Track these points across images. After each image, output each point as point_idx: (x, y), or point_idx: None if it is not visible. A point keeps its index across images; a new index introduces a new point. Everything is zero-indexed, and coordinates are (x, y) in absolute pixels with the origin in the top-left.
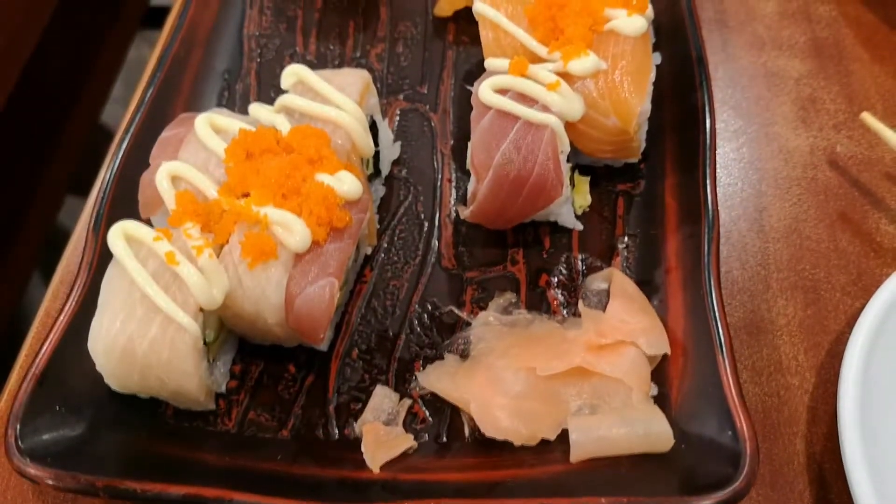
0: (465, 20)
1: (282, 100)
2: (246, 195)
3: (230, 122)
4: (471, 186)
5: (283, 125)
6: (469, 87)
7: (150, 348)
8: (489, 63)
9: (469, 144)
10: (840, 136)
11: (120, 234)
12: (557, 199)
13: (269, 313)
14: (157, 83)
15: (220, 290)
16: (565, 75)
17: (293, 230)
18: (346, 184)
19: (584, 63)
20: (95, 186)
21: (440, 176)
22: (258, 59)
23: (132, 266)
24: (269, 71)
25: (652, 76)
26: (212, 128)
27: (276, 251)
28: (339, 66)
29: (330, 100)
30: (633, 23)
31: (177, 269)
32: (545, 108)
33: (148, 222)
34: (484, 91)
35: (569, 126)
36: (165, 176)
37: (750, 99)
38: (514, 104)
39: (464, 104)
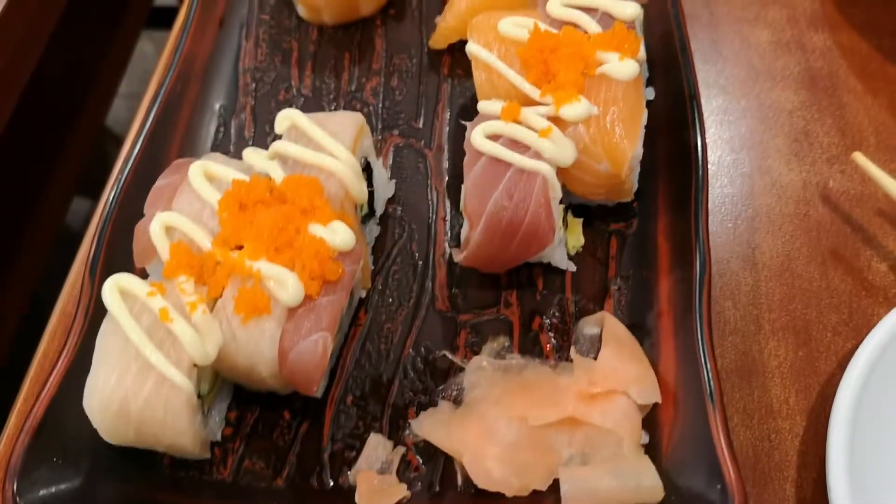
0: (460, 52)
1: (275, 146)
2: (240, 247)
3: (224, 170)
4: (464, 232)
5: (277, 172)
6: (464, 123)
7: (145, 406)
8: (482, 106)
9: (462, 189)
10: (833, 170)
11: (115, 289)
12: (549, 245)
13: (262, 367)
14: (153, 119)
15: (214, 346)
16: (557, 120)
17: (286, 285)
18: (340, 235)
19: (576, 109)
20: (94, 221)
21: (434, 214)
22: (254, 94)
23: (127, 322)
24: (264, 106)
25: (644, 119)
26: (205, 176)
27: (269, 306)
28: (335, 100)
29: (323, 147)
30: (625, 67)
31: (171, 325)
32: (537, 155)
33: (143, 269)
34: (476, 137)
35: (561, 170)
36: (160, 227)
37: (744, 132)
38: (506, 151)
39: (458, 140)
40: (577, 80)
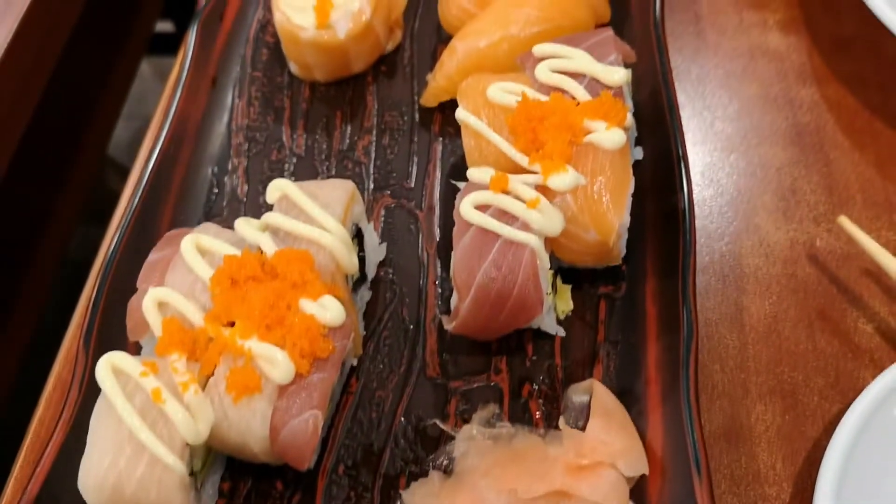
0: (451, 109)
1: (267, 218)
2: (232, 323)
3: (216, 243)
4: (454, 301)
5: (268, 245)
6: (454, 183)
7: (138, 487)
8: (471, 174)
9: (451, 258)
10: (820, 229)
11: (108, 368)
12: (538, 316)
13: (254, 444)
14: (147, 184)
15: (206, 425)
16: (545, 189)
17: (277, 364)
18: (330, 311)
19: (564, 179)
20: (90, 282)
21: (425, 278)
22: (246, 154)
23: (120, 403)
24: (257, 166)
25: (631, 188)
26: (198, 250)
27: (260, 384)
28: (327, 159)
29: (314, 219)
30: (612, 137)
31: (163, 406)
32: (525, 226)
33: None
34: (465, 208)
35: (550, 238)
36: (152, 303)
37: (732, 191)
38: (494, 222)
39: (449, 200)
40: (564, 150)
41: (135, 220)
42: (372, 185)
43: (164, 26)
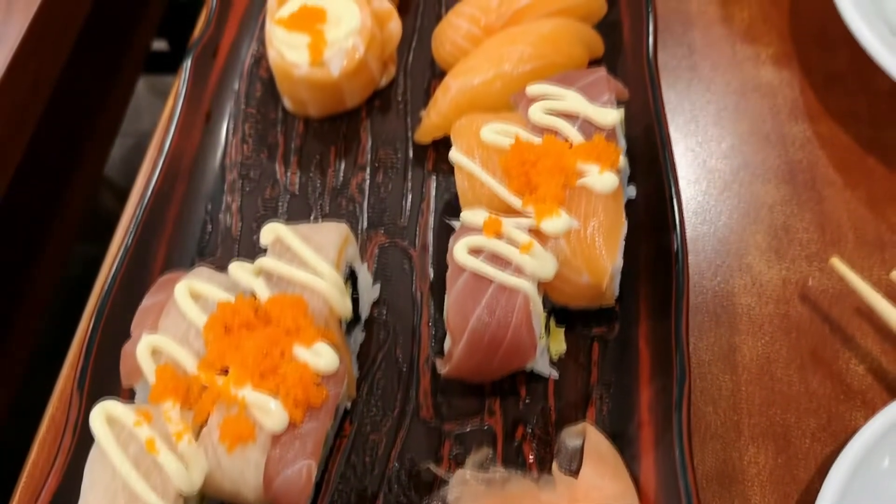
0: (445, 146)
1: (261, 263)
2: (226, 369)
3: (209, 288)
4: (447, 344)
5: (262, 290)
6: (448, 220)
7: None
8: (465, 217)
9: (445, 302)
10: (812, 268)
11: (102, 417)
12: (531, 361)
13: (248, 493)
14: (140, 223)
15: (200, 474)
16: (539, 232)
17: (270, 413)
18: (324, 358)
19: (557, 223)
20: (84, 321)
21: (419, 317)
22: (240, 191)
23: (114, 453)
24: (250, 203)
25: (623, 231)
26: (191, 295)
27: (253, 433)
28: (321, 196)
29: (307, 263)
30: (605, 181)
31: (157, 457)
32: (519, 271)
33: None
34: (459, 252)
35: (543, 281)
36: (146, 350)
37: (725, 229)
38: (487, 267)
39: (443, 238)
40: (557, 193)
41: (128, 260)
42: (366, 224)
43: (158, 44)
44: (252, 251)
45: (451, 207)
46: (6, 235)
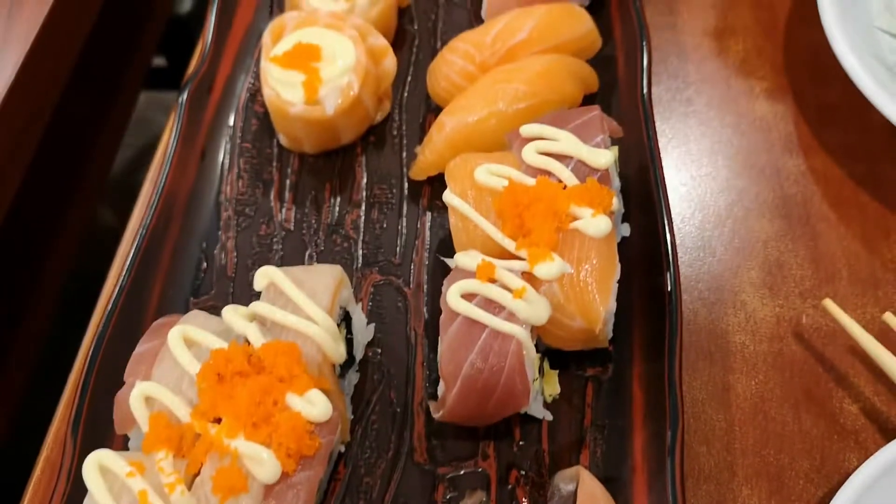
0: (440, 183)
1: (254, 308)
2: (219, 419)
3: (203, 335)
4: (441, 389)
5: (256, 336)
6: (442, 258)
7: None
8: (458, 260)
9: (439, 345)
10: (806, 305)
11: (95, 467)
12: (524, 406)
13: None
14: (136, 263)
15: None
16: (531, 277)
17: (263, 463)
18: (317, 407)
19: (550, 268)
20: (78, 361)
21: (413, 358)
22: (235, 229)
23: None
24: (245, 241)
25: (617, 274)
26: (185, 342)
27: (246, 484)
28: (316, 233)
29: (301, 309)
30: (598, 225)
31: None
32: (512, 316)
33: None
34: (452, 297)
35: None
36: (139, 398)
37: (720, 266)
38: (481, 312)
39: (437, 277)
40: (551, 237)
41: (123, 301)
42: (360, 262)
43: (156, 60)
44: (247, 289)
45: (446, 244)
46: (6, 256)
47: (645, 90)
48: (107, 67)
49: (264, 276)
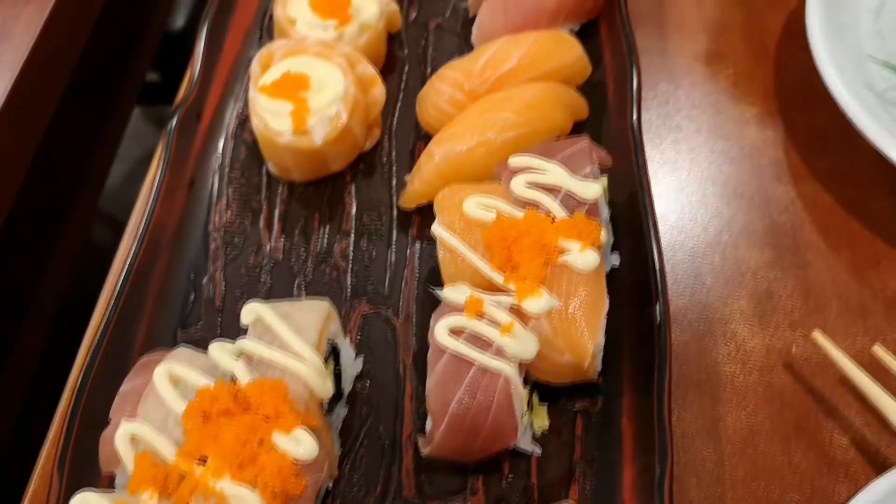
0: (429, 212)
1: (241, 345)
2: (204, 458)
3: (189, 373)
4: (429, 425)
5: (242, 373)
6: (432, 289)
7: None
8: (446, 294)
9: (427, 383)
10: (796, 335)
11: None
12: (512, 443)
13: None
14: (122, 294)
15: None
16: (520, 311)
17: None
18: (303, 446)
19: (538, 303)
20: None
21: (402, 391)
22: (224, 258)
23: None
24: (234, 271)
25: (605, 308)
26: (171, 380)
27: None
28: (305, 262)
29: (288, 345)
30: (586, 259)
31: None
32: (500, 352)
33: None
34: (440, 333)
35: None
36: (124, 437)
37: (709, 297)
38: (468, 349)
39: (426, 308)
40: (539, 272)
41: (110, 334)
42: (349, 292)
43: (150, 76)
44: (235, 320)
45: (435, 274)
46: (4, 267)
47: (634, 117)
48: (101, 83)
49: (251, 312)
